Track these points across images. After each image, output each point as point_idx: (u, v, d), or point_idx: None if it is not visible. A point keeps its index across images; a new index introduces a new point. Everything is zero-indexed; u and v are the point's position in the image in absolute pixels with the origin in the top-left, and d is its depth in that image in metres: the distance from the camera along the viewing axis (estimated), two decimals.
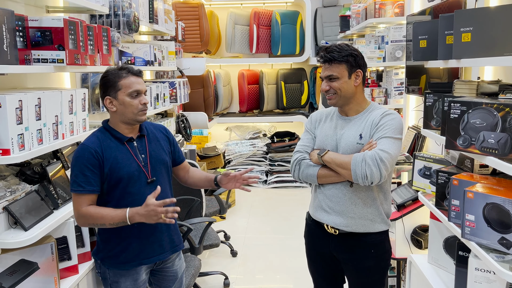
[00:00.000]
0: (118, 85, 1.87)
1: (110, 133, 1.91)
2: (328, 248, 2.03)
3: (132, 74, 1.89)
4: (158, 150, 1.98)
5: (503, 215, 1.50)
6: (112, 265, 1.94)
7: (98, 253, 1.98)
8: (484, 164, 1.83)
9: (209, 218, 3.06)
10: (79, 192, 1.81)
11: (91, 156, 1.82)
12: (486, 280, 1.66)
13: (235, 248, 3.99)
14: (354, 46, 1.98)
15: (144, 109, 1.89)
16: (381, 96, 3.89)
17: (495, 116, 1.51)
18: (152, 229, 1.93)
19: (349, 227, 1.94)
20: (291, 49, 6.35)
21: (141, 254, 1.93)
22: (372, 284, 2.04)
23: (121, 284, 1.94)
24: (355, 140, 1.91)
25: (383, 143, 1.83)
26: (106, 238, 1.94)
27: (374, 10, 3.79)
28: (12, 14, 1.68)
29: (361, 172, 1.80)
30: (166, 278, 2.08)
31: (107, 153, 1.85)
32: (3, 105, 1.61)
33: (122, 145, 1.90)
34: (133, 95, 1.87)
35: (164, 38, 4.39)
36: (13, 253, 1.85)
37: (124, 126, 1.92)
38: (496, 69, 2.13)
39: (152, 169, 1.93)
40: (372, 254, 1.98)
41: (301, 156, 2.01)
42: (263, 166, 6.09)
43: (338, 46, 1.91)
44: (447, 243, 2.18)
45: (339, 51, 1.89)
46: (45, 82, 2.46)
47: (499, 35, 1.58)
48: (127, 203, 1.85)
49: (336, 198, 1.95)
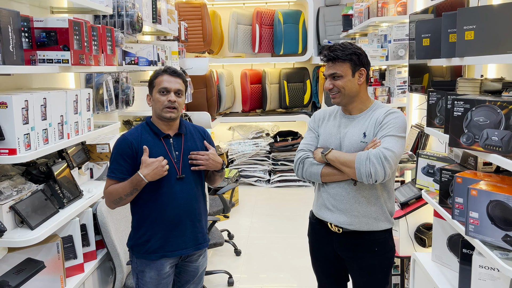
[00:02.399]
0: (153, 83, 1.99)
1: (150, 128, 2.01)
2: (332, 247, 2.03)
3: (167, 73, 1.98)
4: (192, 149, 2.05)
5: (507, 212, 1.50)
6: (139, 254, 2.01)
7: (129, 241, 2.07)
8: (488, 162, 1.84)
9: (213, 217, 3.07)
10: (110, 177, 1.94)
11: (126, 147, 1.93)
12: (490, 277, 1.67)
13: (239, 247, 4.00)
14: (357, 45, 1.99)
15: (169, 106, 1.94)
16: (384, 94, 3.89)
17: (499, 114, 1.52)
18: (176, 224, 1.99)
19: (353, 226, 1.94)
20: (293, 49, 6.35)
21: (164, 247, 1.99)
22: (376, 282, 2.04)
23: (146, 273, 2.01)
24: (359, 138, 1.91)
25: (387, 141, 1.84)
26: (136, 227, 2.02)
27: (377, 9, 3.80)
28: (18, 15, 1.69)
29: (365, 170, 1.80)
30: (187, 272, 2.13)
31: (143, 145, 1.95)
32: (9, 105, 1.63)
33: (159, 140, 1.99)
34: (162, 92, 1.95)
35: (167, 38, 4.40)
36: (20, 252, 1.87)
37: (161, 122, 2.00)
38: (499, 67, 2.13)
39: (183, 166, 2.00)
40: (376, 252, 1.98)
41: (305, 155, 2.01)
42: (266, 165, 6.10)
43: (341, 45, 1.92)
44: (451, 241, 2.18)
45: (342, 50, 1.90)
46: (49, 83, 2.47)
47: (502, 33, 1.58)
48: (157, 195, 1.95)
49: (339, 196, 1.96)
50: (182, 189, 1.98)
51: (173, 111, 1.96)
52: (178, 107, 1.98)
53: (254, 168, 6.09)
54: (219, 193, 3.66)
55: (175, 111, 1.97)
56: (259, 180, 6.06)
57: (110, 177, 1.94)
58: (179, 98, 1.98)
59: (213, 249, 3.98)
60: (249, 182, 6.07)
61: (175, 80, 1.98)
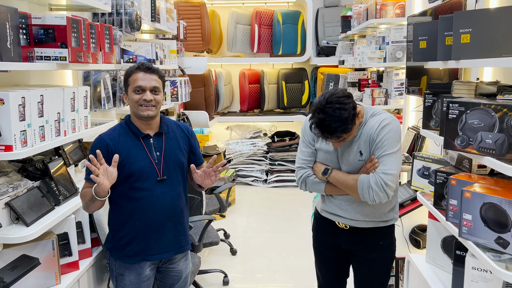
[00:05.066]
0: (128, 81, 1.92)
1: (129, 127, 1.94)
2: (338, 241, 2.08)
3: (141, 70, 1.90)
4: (174, 149, 1.98)
5: (500, 214, 1.51)
6: (117, 257, 1.97)
7: (107, 243, 2.03)
8: (482, 165, 1.85)
9: (209, 216, 3.07)
10: (87, 180, 1.88)
11: (102, 148, 1.86)
12: (482, 279, 1.68)
13: (235, 247, 4.00)
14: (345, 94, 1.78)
15: (144, 104, 1.87)
16: (381, 96, 3.91)
17: (493, 117, 1.53)
18: (157, 227, 1.94)
19: (359, 224, 2.00)
20: (292, 49, 6.36)
21: (145, 250, 1.95)
22: (379, 275, 2.09)
23: (126, 277, 1.97)
24: (356, 157, 1.92)
25: (385, 163, 1.84)
26: (115, 230, 1.98)
27: (375, 10, 3.81)
28: (16, 11, 1.70)
29: (368, 197, 1.85)
30: (170, 277, 2.09)
31: (121, 146, 1.89)
32: (6, 101, 1.63)
33: (138, 140, 1.92)
34: (137, 90, 1.88)
35: (165, 37, 4.40)
36: (15, 248, 1.87)
37: (139, 121, 1.93)
38: (495, 70, 2.14)
39: (165, 168, 1.93)
40: (380, 245, 2.04)
41: (305, 173, 2.02)
42: (263, 165, 6.11)
43: (335, 118, 1.73)
44: (445, 242, 2.20)
45: (337, 126, 1.74)
46: (47, 80, 2.47)
47: (498, 36, 1.59)
48: (137, 197, 1.90)
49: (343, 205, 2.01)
50: (163, 191, 1.92)
51: (150, 109, 1.88)
52: (157, 105, 1.90)
53: (251, 168, 6.10)
54: (216, 192, 3.67)
55: (153, 108, 1.88)
56: (256, 180, 6.07)
57: (87, 180, 1.87)
58: (156, 95, 1.90)
59: (208, 248, 3.99)
60: (246, 181, 6.08)
61: (150, 77, 1.89)
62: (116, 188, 1.89)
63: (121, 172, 1.86)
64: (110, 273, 2.03)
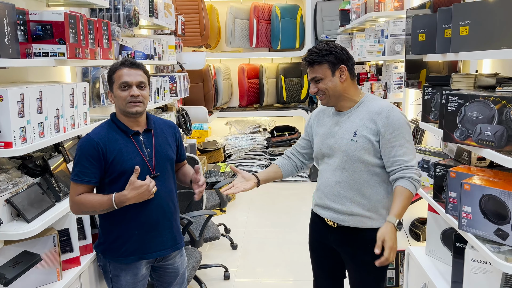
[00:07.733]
0: (112, 78, 1.88)
1: (117, 125, 1.91)
2: (329, 240, 2.05)
3: (125, 66, 1.86)
4: (164, 145, 1.97)
5: (499, 206, 1.52)
6: (112, 258, 1.94)
7: (99, 246, 1.98)
8: (482, 157, 1.85)
9: (209, 211, 3.08)
10: (75, 181, 1.82)
11: (92, 148, 1.82)
12: (482, 270, 1.69)
13: (235, 241, 4.02)
14: (336, 43, 1.98)
15: (132, 100, 1.84)
16: (380, 90, 3.90)
17: (492, 109, 1.53)
18: (154, 225, 1.93)
19: (346, 222, 1.95)
20: (291, 43, 6.34)
21: (141, 249, 1.92)
22: (371, 279, 2.03)
23: (122, 278, 1.94)
24: (349, 137, 1.90)
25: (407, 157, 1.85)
26: (108, 230, 1.94)
27: (374, 4, 3.79)
28: (13, 8, 1.69)
29: (419, 186, 1.86)
30: (167, 274, 2.08)
31: (111, 145, 1.85)
32: (5, 98, 1.63)
33: (128, 138, 1.89)
34: (123, 87, 1.85)
35: (164, 32, 4.39)
36: (16, 244, 1.87)
37: (127, 119, 1.90)
38: (494, 62, 2.14)
39: (156, 164, 1.92)
40: (369, 249, 1.97)
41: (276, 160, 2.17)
42: (263, 160, 6.11)
43: (317, 47, 1.91)
44: (445, 235, 2.20)
45: (317, 52, 1.88)
46: (45, 76, 2.47)
47: (497, 28, 1.59)
48: None
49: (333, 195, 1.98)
50: (157, 188, 1.88)
51: (138, 105, 1.85)
52: (144, 101, 1.88)
53: (251, 163, 6.10)
54: (216, 188, 3.67)
55: (141, 104, 1.86)
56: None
57: (75, 181, 1.81)
58: (142, 91, 1.87)
59: (209, 243, 4.00)
60: None
61: (136, 72, 1.86)
62: (108, 187, 1.87)
63: (113, 171, 1.84)
64: (105, 275, 1.99)
